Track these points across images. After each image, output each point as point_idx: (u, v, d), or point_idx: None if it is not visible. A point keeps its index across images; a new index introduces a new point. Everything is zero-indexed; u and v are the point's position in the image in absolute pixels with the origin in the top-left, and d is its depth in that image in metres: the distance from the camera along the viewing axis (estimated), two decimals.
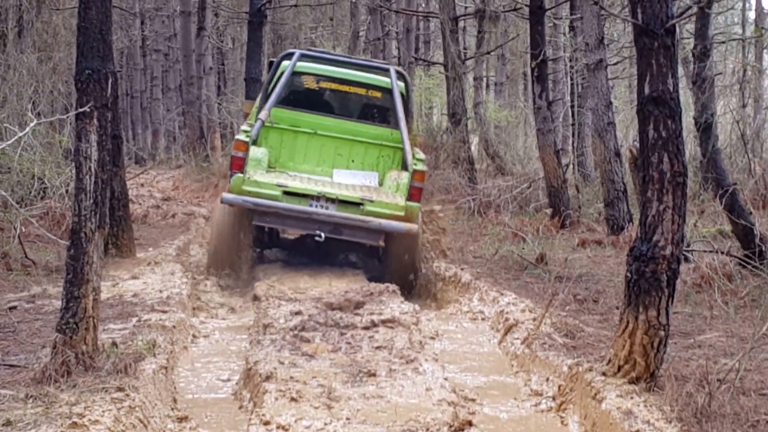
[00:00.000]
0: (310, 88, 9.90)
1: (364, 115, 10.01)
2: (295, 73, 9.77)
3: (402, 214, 8.80)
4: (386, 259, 9.45)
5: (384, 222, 8.75)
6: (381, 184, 9.53)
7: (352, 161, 9.88)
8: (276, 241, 10.47)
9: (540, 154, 12.56)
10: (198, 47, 22.42)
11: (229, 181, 9.03)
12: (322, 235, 8.79)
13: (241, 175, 8.87)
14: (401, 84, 9.87)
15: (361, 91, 9.96)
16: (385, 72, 10.04)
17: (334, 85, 9.94)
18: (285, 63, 9.81)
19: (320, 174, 9.63)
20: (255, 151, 9.24)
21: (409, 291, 8.90)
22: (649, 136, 4.60)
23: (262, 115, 9.47)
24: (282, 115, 9.77)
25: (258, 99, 10.18)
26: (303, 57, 9.92)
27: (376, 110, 10.04)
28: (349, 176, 9.60)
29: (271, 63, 10.46)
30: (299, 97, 9.87)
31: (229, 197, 8.86)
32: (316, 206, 8.82)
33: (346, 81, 9.91)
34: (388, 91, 9.79)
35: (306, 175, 9.49)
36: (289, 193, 8.85)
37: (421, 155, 9.33)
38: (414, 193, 8.92)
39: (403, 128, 9.42)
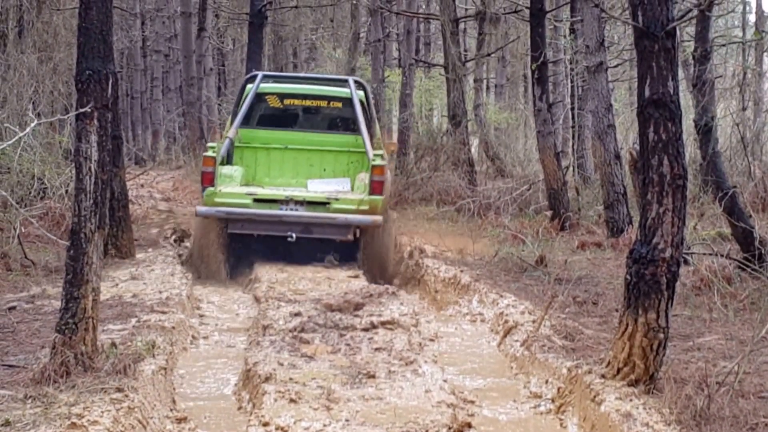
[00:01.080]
0: (275, 106, 10.61)
1: (329, 125, 10.73)
2: (259, 95, 10.39)
3: (366, 207, 9.38)
4: (361, 253, 9.88)
5: (350, 216, 9.34)
6: (353, 188, 10.09)
7: (324, 170, 10.57)
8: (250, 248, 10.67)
9: (540, 156, 12.55)
10: (198, 48, 22.42)
11: (202, 195, 9.54)
12: (294, 235, 9.29)
13: (212, 189, 9.41)
14: (360, 93, 10.52)
15: (323, 103, 10.71)
16: (343, 83, 10.77)
17: (297, 101, 10.68)
18: (249, 86, 10.45)
19: (295, 186, 10.20)
20: (228, 169, 9.85)
21: (387, 280, 9.32)
22: (649, 139, 4.60)
23: (230, 133, 10.11)
24: (253, 136, 10.46)
25: (228, 122, 10.78)
26: (265, 78, 10.62)
27: (339, 120, 10.71)
28: (323, 185, 10.17)
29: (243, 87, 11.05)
30: (267, 117, 10.56)
31: (202, 210, 9.42)
32: (286, 209, 9.36)
33: (308, 96, 10.66)
34: (348, 101, 10.41)
35: (281, 188, 10.03)
36: (259, 200, 9.44)
37: (380, 152, 9.89)
38: (375, 187, 9.51)
39: (365, 134, 10.02)
